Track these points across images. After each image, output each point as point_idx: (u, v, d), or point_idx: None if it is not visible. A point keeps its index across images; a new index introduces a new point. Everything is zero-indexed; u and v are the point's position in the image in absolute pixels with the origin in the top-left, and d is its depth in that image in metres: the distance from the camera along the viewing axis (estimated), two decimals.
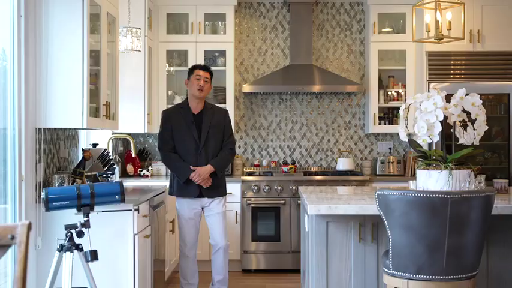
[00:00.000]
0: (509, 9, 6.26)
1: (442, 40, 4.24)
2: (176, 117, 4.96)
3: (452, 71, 6.32)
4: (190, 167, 4.86)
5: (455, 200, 3.10)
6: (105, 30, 4.62)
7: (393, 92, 6.85)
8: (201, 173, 4.84)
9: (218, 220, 4.99)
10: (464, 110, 3.73)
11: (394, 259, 3.28)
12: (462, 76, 6.30)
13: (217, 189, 4.99)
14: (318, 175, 6.58)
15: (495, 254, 3.83)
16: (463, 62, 6.31)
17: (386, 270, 3.38)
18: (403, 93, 6.77)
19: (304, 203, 3.99)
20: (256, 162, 7.04)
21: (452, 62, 6.32)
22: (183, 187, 4.93)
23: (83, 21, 4.15)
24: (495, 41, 6.26)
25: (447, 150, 3.71)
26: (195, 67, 5.01)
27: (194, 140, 4.91)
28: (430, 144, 5.59)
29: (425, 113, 3.68)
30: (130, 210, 4.05)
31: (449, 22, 4.17)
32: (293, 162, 6.94)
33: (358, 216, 3.76)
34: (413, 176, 6.62)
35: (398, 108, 6.84)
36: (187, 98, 5.10)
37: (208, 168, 4.87)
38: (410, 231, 3.18)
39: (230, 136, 5.08)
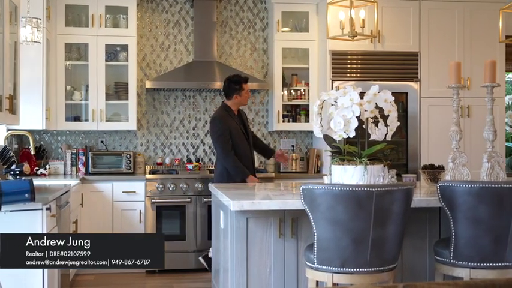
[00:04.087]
0: (407, 10, 6.51)
1: (355, 38, 4.32)
2: (229, 120, 5.47)
3: (353, 70, 6.48)
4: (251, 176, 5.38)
5: (379, 193, 3.16)
6: (8, 19, 4.33)
7: (296, 90, 6.93)
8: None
9: None
10: (376, 107, 3.83)
11: (318, 253, 3.29)
12: (360, 75, 6.47)
13: None
14: None
15: (408, 246, 3.95)
16: (364, 61, 6.49)
17: (309, 264, 3.39)
18: (306, 92, 6.86)
19: (223, 199, 3.92)
20: (159, 161, 6.88)
21: (352, 61, 6.48)
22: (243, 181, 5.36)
23: None
24: (394, 42, 6.49)
25: (355, 146, 3.79)
26: (244, 81, 5.52)
27: (245, 137, 5.54)
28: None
29: (341, 109, 3.74)
30: (40, 209, 3.82)
31: (363, 20, 4.25)
32: (197, 160, 6.86)
33: (278, 212, 3.75)
34: (316, 173, 6.74)
35: (301, 106, 6.94)
36: (224, 104, 5.59)
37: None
38: (335, 225, 3.21)
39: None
